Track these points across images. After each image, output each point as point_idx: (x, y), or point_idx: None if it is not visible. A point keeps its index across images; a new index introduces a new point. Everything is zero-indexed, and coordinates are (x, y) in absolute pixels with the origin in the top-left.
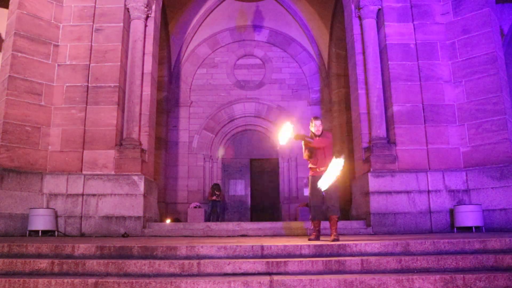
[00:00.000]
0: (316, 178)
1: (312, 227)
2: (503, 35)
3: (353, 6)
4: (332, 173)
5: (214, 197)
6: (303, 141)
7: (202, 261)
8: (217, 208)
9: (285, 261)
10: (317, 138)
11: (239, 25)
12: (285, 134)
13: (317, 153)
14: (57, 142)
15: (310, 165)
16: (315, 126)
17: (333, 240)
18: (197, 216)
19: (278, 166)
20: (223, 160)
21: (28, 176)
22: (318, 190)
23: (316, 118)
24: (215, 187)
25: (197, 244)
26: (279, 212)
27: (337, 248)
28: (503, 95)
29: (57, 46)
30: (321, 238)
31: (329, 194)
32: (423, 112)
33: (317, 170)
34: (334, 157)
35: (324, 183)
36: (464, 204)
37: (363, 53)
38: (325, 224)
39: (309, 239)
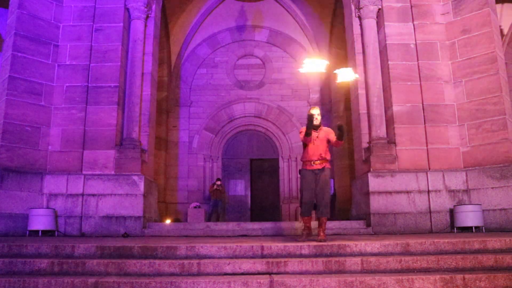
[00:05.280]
0: (307, 172)
1: (301, 223)
2: (503, 35)
3: (353, 6)
4: None
5: (215, 187)
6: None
7: (202, 261)
8: (218, 208)
9: (285, 261)
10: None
11: (239, 25)
12: (316, 65)
13: (310, 145)
14: (57, 142)
15: (302, 158)
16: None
17: (320, 241)
18: (197, 216)
19: (278, 166)
20: (223, 160)
21: (28, 176)
22: (309, 185)
23: (313, 107)
24: (216, 179)
25: (197, 244)
26: (279, 212)
27: (337, 248)
28: (503, 95)
29: (57, 46)
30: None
31: (322, 193)
32: (423, 112)
33: (311, 164)
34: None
35: None
36: (464, 204)
37: (363, 53)
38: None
39: (298, 240)
